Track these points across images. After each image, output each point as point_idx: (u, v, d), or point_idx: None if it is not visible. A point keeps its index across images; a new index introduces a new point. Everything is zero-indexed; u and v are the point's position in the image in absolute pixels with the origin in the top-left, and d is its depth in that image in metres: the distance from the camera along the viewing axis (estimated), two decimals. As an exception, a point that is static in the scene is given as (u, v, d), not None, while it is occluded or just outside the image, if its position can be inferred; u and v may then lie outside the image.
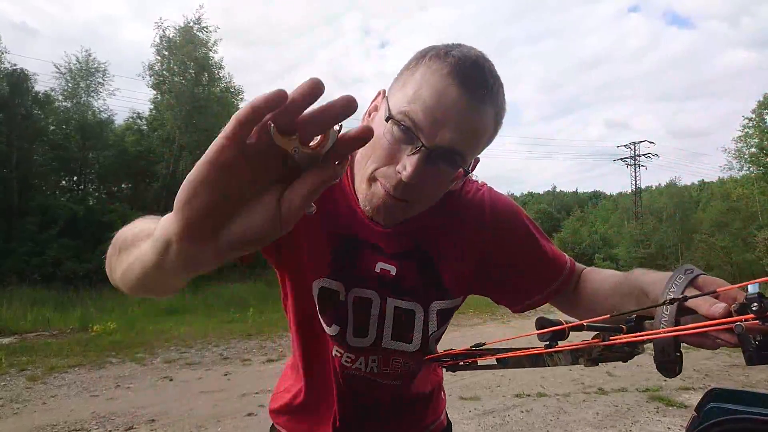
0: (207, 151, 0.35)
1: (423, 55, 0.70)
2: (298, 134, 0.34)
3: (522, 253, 0.85)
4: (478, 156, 0.75)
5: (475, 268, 0.84)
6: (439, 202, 0.78)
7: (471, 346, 0.68)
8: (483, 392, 4.61)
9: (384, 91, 0.75)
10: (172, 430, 3.65)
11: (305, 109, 0.34)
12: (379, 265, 0.80)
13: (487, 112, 0.68)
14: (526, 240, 0.86)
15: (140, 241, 0.48)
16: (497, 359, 0.65)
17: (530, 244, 0.86)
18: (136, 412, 3.98)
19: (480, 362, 0.67)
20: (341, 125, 0.36)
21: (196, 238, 0.37)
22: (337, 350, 0.84)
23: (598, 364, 0.57)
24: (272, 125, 0.34)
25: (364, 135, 0.36)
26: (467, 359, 0.68)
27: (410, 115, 0.66)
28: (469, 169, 0.72)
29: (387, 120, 0.67)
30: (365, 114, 0.77)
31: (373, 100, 0.76)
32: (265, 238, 0.37)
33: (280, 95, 0.33)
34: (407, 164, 0.66)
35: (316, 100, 0.34)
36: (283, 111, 0.33)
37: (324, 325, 0.82)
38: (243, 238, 0.37)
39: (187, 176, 0.36)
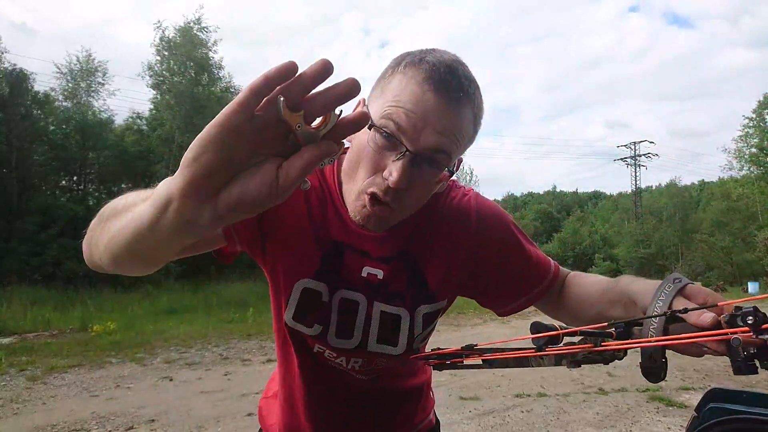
0: (219, 114, 0.37)
1: (398, 63, 0.72)
2: (303, 112, 0.37)
3: (507, 258, 0.87)
4: (461, 156, 0.77)
5: (460, 273, 0.86)
6: (425, 207, 0.79)
7: (462, 347, 0.69)
8: (483, 392, 4.61)
9: (364, 100, 0.76)
10: (172, 430, 3.65)
11: (314, 87, 0.37)
12: (366, 270, 0.81)
13: (465, 114, 0.70)
14: (512, 245, 0.88)
15: (134, 206, 0.50)
16: (483, 359, 0.66)
17: (515, 248, 0.88)
18: (136, 412, 3.98)
19: (466, 362, 0.68)
20: (341, 110, 0.39)
21: (197, 196, 0.39)
22: (319, 347, 0.85)
23: (580, 366, 0.59)
24: (282, 99, 0.36)
25: (361, 119, 0.39)
26: (453, 359, 0.69)
27: (392, 118, 0.67)
28: (453, 169, 0.74)
29: (369, 128, 0.68)
30: None
31: (354, 109, 0.77)
32: (261, 204, 0.39)
33: (291, 66, 0.36)
34: (393, 170, 0.67)
35: (324, 80, 0.37)
36: (293, 86, 0.36)
37: (303, 326, 0.83)
38: (241, 201, 0.39)
39: (198, 136, 0.38)
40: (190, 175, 0.38)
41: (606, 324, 0.58)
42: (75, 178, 17.76)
